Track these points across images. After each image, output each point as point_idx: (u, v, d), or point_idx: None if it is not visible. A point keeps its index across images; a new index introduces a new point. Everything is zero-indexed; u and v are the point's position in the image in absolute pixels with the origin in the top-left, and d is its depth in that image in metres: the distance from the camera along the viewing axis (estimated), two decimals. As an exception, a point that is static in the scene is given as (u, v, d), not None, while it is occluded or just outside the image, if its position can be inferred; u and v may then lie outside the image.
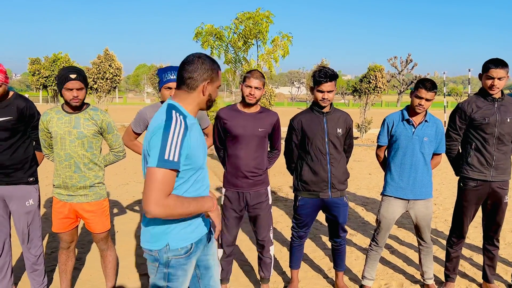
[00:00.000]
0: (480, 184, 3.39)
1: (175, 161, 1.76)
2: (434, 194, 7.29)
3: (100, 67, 13.18)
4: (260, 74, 3.12)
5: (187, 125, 1.84)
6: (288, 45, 7.36)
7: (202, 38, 7.23)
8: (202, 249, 2.08)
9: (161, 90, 3.10)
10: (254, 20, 6.26)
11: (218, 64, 1.97)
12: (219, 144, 3.33)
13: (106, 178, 8.17)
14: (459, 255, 3.66)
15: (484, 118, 3.28)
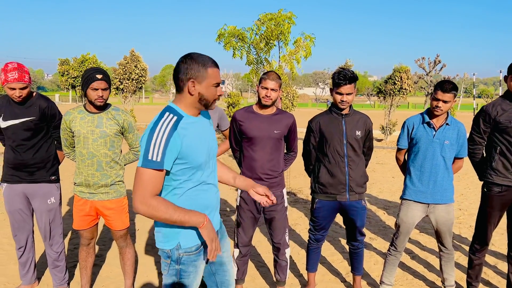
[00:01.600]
0: (505, 190, 3.27)
1: (158, 161, 1.79)
2: (459, 199, 7.09)
3: (126, 68, 13.45)
4: (276, 76, 3.11)
5: (178, 124, 1.85)
6: (310, 46, 7.32)
7: (224, 39, 7.28)
8: None
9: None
10: (276, 21, 6.26)
11: (207, 62, 1.91)
12: (235, 145, 3.35)
13: (129, 177, 8.33)
14: (482, 262, 3.55)
15: (510, 122, 3.17)
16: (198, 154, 1.93)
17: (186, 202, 1.95)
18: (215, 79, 1.93)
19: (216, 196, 2.12)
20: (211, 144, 2.05)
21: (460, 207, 6.58)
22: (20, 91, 3.07)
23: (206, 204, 2.04)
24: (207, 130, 2.05)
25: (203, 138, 1.98)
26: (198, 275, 2.07)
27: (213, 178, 2.09)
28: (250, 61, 7.03)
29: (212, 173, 2.08)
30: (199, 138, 1.95)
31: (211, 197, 2.07)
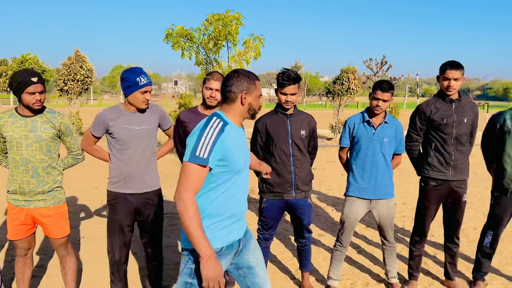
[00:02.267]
0: (440, 184, 3.46)
1: (204, 158, 1.95)
2: (403, 193, 7.43)
3: (71, 69, 12.89)
4: (220, 76, 3.10)
5: (224, 129, 2.03)
6: (259, 47, 7.38)
7: (172, 39, 7.16)
8: (233, 256, 2.21)
9: (135, 94, 2.94)
10: (223, 22, 6.25)
11: (255, 76, 2.16)
12: (180, 147, 3.30)
13: (76, 182, 7.99)
14: (421, 253, 3.73)
15: (443, 119, 3.36)
16: (238, 160, 2.08)
17: (216, 206, 2.07)
18: (260, 91, 2.17)
19: (245, 207, 2.22)
20: (248, 156, 2.21)
21: (404, 201, 6.89)
22: None
23: (234, 212, 2.14)
24: (245, 141, 2.20)
25: (242, 147, 2.14)
26: None
27: (245, 188, 2.21)
28: (199, 61, 6.97)
29: (245, 183, 2.20)
30: (239, 146, 2.11)
31: (240, 206, 2.17)
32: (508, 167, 3.45)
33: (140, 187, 3.09)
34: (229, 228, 2.13)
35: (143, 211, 3.15)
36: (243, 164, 2.12)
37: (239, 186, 2.14)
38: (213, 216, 2.08)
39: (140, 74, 2.95)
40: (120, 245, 3.16)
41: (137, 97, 2.96)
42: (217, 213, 2.07)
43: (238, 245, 2.22)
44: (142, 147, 3.07)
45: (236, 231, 2.18)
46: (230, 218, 2.12)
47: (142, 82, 2.94)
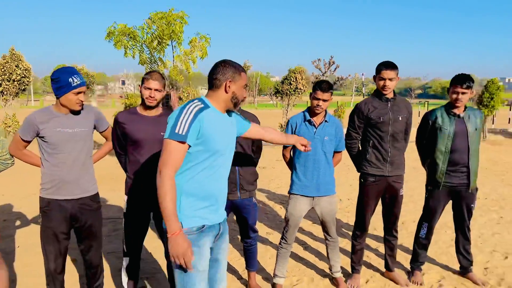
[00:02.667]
0: (378, 179, 3.60)
1: (183, 134, 2.05)
2: (348, 190, 7.66)
3: (6, 68, 12.10)
4: (159, 76, 3.03)
5: (203, 110, 2.12)
6: (206, 46, 7.31)
7: (115, 37, 6.91)
8: (214, 237, 2.28)
9: (67, 95, 2.79)
10: (166, 21, 6.12)
11: (240, 67, 2.25)
12: (119, 149, 3.18)
13: (11, 188, 7.51)
14: (363, 247, 3.86)
15: (379, 117, 3.49)
16: (216, 141, 2.15)
17: (192, 185, 2.15)
18: (245, 81, 2.25)
19: (223, 191, 2.30)
20: (230, 141, 2.27)
21: (349, 197, 7.11)
22: None
23: (211, 193, 2.21)
24: (229, 127, 2.28)
25: (223, 131, 2.21)
26: (204, 256, 2.19)
27: (224, 172, 2.28)
28: (143, 60, 6.79)
29: (225, 167, 2.28)
30: (219, 129, 2.18)
31: (218, 188, 2.25)
32: (440, 162, 3.65)
33: (76, 192, 2.95)
34: (209, 209, 2.22)
35: (80, 217, 3.01)
36: (222, 147, 2.19)
37: (216, 168, 2.20)
38: (189, 195, 2.16)
39: (72, 74, 2.81)
40: (55, 254, 3.00)
41: (70, 99, 2.82)
42: (193, 192, 2.16)
43: (219, 229, 2.30)
44: (76, 151, 2.93)
45: (216, 213, 2.27)
46: (208, 199, 2.20)
47: (75, 82, 2.79)
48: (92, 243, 3.14)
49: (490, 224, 5.65)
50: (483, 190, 7.64)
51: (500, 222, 5.73)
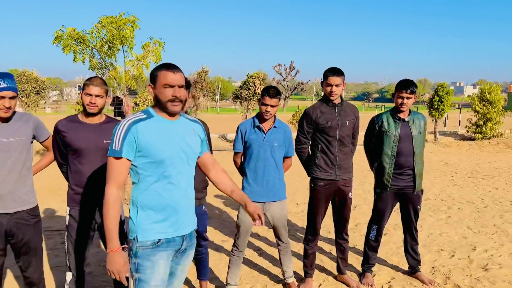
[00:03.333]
0: (328, 183, 3.64)
1: (117, 150, 2.06)
2: (305, 193, 7.74)
3: None
4: (101, 81, 2.92)
5: (141, 121, 2.10)
6: (160, 51, 7.17)
7: (63, 42, 6.64)
8: (175, 252, 2.23)
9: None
10: (117, 25, 5.96)
11: (160, 66, 2.15)
12: (60, 159, 3.04)
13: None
14: (315, 251, 3.89)
15: (327, 122, 3.54)
16: (160, 151, 2.09)
17: (148, 197, 2.13)
18: (164, 80, 2.10)
19: (182, 200, 2.20)
20: (183, 148, 2.18)
21: (305, 201, 7.17)
22: None
23: (166, 204, 2.15)
24: (180, 133, 2.19)
25: (170, 139, 2.14)
26: (156, 272, 2.14)
27: (182, 180, 2.20)
28: (94, 65, 6.57)
29: (181, 176, 2.19)
30: (161, 138, 2.11)
31: (174, 198, 2.16)
32: (387, 165, 3.75)
33: (10, 206, 2.78)
34: (166, 222, 2.16)
35: (16, 233, 2.84)
36: (167, 155, 2.12)
37: (170, 179, 2.15)
38: (145, 207, 2.14)
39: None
40: None
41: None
42: (148, 204, 2.13)
43: (181, 243, 2.24)
44: (11, 161, 2.77)
45: (174, 226, 2.19)
46: (163, 211, 2.15)
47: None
48: (31, 259, 2.97)
49: (439, 224, 5.87)
50: (433, 190, 7.94)
51: (448, 222, 5.96)
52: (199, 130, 2.34)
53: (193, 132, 2.28)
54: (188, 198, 2.25)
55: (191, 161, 2.26)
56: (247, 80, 14.70)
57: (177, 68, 2.16)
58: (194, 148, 2.27)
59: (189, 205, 2.27)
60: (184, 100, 2.18)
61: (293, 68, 50.87)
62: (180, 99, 2.14)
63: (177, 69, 2.16)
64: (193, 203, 2.31)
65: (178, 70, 2.16)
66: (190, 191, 2.27)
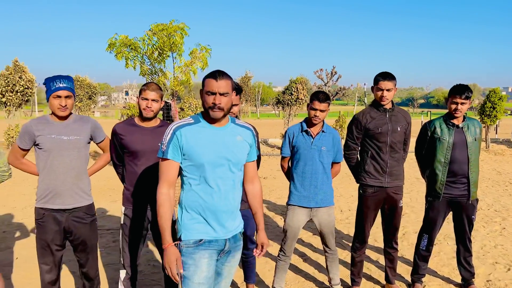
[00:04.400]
0: (377, 190, 3.57)
1: (163, 151, 2.18)
2: (349, 200, 7.62)
3: (9, 80, 12.20)
4: (156, 87, 3.04)
5: (187, 126, 2.19)
6: (206, 57, 7.35)
7: (116, 49, 6.97)
8: (218, 252, 2.28)
9: (49, 100, 2.85)
10: (167, 32, 6.17)
11: (210, 73, 2.19)
12: (116, 160, 3.18)
13: (12, 200, 7.51)
14: (363, 259, 3.82)
15: (377, 128, 3.48)
16: (200, 155, 2.16)
17: (190, 198, 2.22)
18: (207, 87, 2.17)
19: (221, 205, 2.23)
20: (225, 154, 2.22)
21: (350, 208, 7.06)
22: None
23: (206, 206, 2.21)
24: (225, 140, 2.23)
25: (212, 144, 2.19)
26: (199, 270, 2.20)
27: (223, 185, 2.24)
28: (144, 71, 6.83)
29: (222, 181, 2.23)
30: (206, 142, 2.18)
31: (213, 202, 2.21)
32: (439, 173, 3.63)
33: (69, 202, 2.94)
34: (207, 223, 2.22)
35: (73, 231, 3.00)
36: (209, 160, 2.17)
37: (211, 182, 2.20)
38: (188, 208, 2.22)
39: (55, 78, 2.84)
40: (49, 266, 2.99)
41: (51, 103, 2.86)
42: (191, 205, 2.21)
43: (224, 245, 2.28)
44: (70, 159, 2.93)
45: (215, 228, 2.24)
46: (204, 213, 2.21)
47: (54, 86, 2.82)
48: (88, 256, 3.12)
49: (493, 235, 5.59)
50: (486, 200, 7.58)
51: (502, 233, 5.66)
52: (247, 137, 2.33)
53: (239, 138, 2.29)
54: (229, 202, 2.26)
55: (234, 167, 2.26)
56: (289, 85, 14.70)
57: (222, 75, 2.16)
58: (239, 155, 2.27)
59: (230, 210, 2.28)
60: (225, 107, 2.17)
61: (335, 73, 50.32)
62: (219, 106, 2.14)
63: (222, 76, 2.16)
64: (236, 207, 2.32)
65: (222, 77, 2.15)
66: (232, 195, 2.27)
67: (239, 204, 2.34)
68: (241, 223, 2.40)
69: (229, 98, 2.19)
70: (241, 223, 2.40)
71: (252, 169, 2.44)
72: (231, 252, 2.34)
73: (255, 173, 2.47)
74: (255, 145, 2.41)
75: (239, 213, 2.38)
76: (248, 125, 2.43)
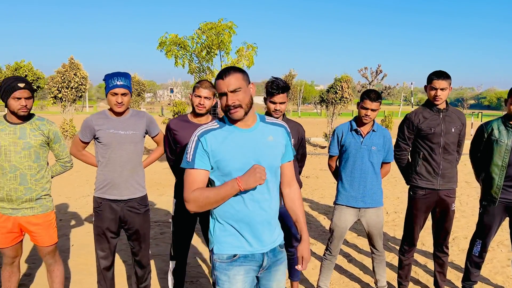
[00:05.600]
0: (429, 193, 3.47)
1: (189, 161, 1.97)
2: (395, 202, 7.44)
3: (65, 76, 12.89)
4: (209, 84, 3.12)
5: (212, 131, 2.00)
6: (253, 55, 7.41)
7: (166, 47, 7.19)
8: (258, 268, 2.08)
9: (107, 96, 3.02)
10: (216, 31, 6.29)
11: (217, 75, 2.02)
12: (170, 154, 3.30)
13: (67, 190, 7.94)
14: (411, 262, 3.73)
15: (430, 128, 3.38)
16: (226, 162, 1.96)
17: (222, 208, 2.01)
18: (218, 90, 1.99)
19: (256, 215, 2.01)
20: (255, 159, 1.99)
21: (396, 210, 6.90)
22: None
23: (238, 218, 2.00)
24: (254, 143, 2.01)
25: (239, 149, 1.98)
26: (234, 286, 2.02)
27: (256, 194, 2.00)
28: (193, 69, 7.00)
29: (258, 192, 2.00)
30: (232, 148, 1.97)
31: (246, 212, 1.99)
32: (496, 177, 3.47)
33: (125, 194, 3.09)
34: (241, 237, 2.01)
35: (128, 219, 3.15)
36: (234, 167, 1.95)
37: (241, 192, 1.97)
38: (221, 219, 2.03)
39: (113, 76, 2.98)
40: (105, 253, 3.16)
41: (109, 99, 3.01)
42: (223, 215, 2.02)
43: (262, 259, 2.06)
44: (127, 152, 3.08)
45: (250, 241, 2.02)
46: (237, 224, 2.00)
47: (111, 83, 2.96)
48: (141, 245, 3.27)
49: (552, 244, 5.27)
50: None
51: (562, 243, 5.33)
52: (280, 136, 2.10)
53: (271, 139, 2.06)
54: (265, 212, 2.02)
55: (270, 173, 2.03)
56: (334, 84, 14.52)
57: (228, 72, 1.95)
58: (272, 158, 2.04)
59: (267, 220, 2.04)
60: (242, 103, 1.94)
61: (380, 71, 49.13)
62: (234, 105, 1.93)
63: (228, 72, 1.94)
64: (273, 217, 2.09)
65: (229, 73, 1.94)
66: (268, 204, 2.04)
67: (277, 213, 2.13)
68: (280, 235, 2.16)
69: (243, 93, 1.94)
70: (280, 234, 2.16)
71: (289, 171, 2.20)
72: (272, 267, 2.11)
73: (292, 175, 2.23)
74: (290, 144, 2.18)
75: (278, 223, 2.16)
76: (281, 122, 2.18)
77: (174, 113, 11.97)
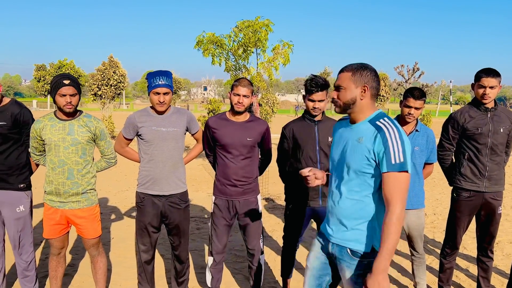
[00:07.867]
0: (473, 195, 3.35)
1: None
2: (434, 204, 7.23)
3: (105, 74, 13.31)
4: (248, 82, 3.13)
5: None
6: (289, 53, 7.38)
7: (203, 46, 7.28)
8: (324, 250, 2.27)
9: (150, 95, 3.10)
10: (253, 29, 6.31)
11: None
12: (208, 151, 3.34)
13: (107, 184, 8.21)
14: (452, 266, 3.62)
15: (477, 128, 3.26)
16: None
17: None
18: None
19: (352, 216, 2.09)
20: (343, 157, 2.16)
21: (434, 212, 6.70)
22: None
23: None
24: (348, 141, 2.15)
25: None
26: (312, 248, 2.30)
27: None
28: (229, 67, 7.06)
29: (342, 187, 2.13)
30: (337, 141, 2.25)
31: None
32: (547, 179, 3.30)
33: (166, 189, 3.16)
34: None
35: (169, 215, 3.22)
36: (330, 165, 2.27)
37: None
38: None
39: (155, 75, 3.06)
40: (146, 247, 3.24)
41: (151, 98, 3.09)
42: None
43: (327, 245, 2.27)
44: (168, 149, 3.15)
45: (325, 225, 2.29)
46: None
47: (154, 83, 3.03)
48: (181, 240, 3.33)
49: None
50: None
51: None
52: (369, 139, 1.98)
53: (360, 140, 2.01)
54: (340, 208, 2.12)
55: (352, 173, 2.02)
56: (370, 82, 14.22)
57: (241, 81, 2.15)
58: (352, 161, 2.03)
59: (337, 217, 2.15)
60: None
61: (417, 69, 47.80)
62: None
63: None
64: (344, 217, 2.11)
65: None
66: (342, 203, 2.11)
67: (350, 215, 2.09)
68: (352, 241, 2.07)
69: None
70: (353, 241, 2.07)
71: (386, 194, 2.06)
72: (337, 261, 2.14)
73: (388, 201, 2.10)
74: (383, 152, 2.03)
75: (357, 227, 2.08)
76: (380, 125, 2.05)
77: (209, 110, 12.10)
